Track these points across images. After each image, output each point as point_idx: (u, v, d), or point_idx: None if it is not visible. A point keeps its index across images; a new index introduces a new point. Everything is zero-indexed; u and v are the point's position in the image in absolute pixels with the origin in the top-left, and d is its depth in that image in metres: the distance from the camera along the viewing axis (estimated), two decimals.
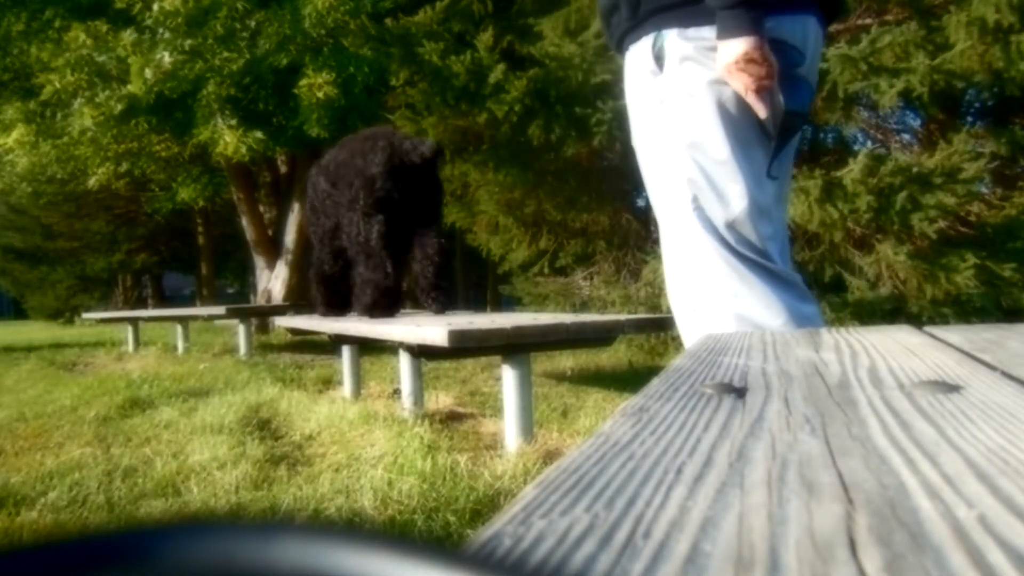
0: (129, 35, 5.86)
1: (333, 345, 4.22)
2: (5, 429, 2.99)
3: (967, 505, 0.27)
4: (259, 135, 6.03)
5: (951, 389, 0.50)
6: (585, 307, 5.00)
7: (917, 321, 3.69)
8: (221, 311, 6.47)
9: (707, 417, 0.45)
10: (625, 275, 5.11)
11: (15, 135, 6.66)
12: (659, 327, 3.05)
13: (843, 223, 3.68)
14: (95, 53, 6.04)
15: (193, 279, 19.20)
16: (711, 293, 1.46)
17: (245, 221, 8.35)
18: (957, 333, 0.90)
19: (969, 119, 4.81)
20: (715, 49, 1.40)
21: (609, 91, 4.10)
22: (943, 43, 3.49)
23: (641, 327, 2.81)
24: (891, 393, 0.51)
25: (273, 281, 8.02)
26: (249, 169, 8.39)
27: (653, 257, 4.63)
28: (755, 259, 1.45)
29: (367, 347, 4.12)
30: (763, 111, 1.39)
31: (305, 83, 5.76)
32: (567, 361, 4.64)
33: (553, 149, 4.58)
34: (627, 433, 0.41)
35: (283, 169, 8.36)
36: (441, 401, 3.35)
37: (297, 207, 7.65)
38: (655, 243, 4.77)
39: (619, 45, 1.64)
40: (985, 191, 4.14)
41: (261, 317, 7.40)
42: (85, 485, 2.07)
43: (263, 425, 2.85)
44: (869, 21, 3.95)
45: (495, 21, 4.85)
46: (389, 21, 4.70)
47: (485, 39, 4.37)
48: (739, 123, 1.44)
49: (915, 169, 3.53)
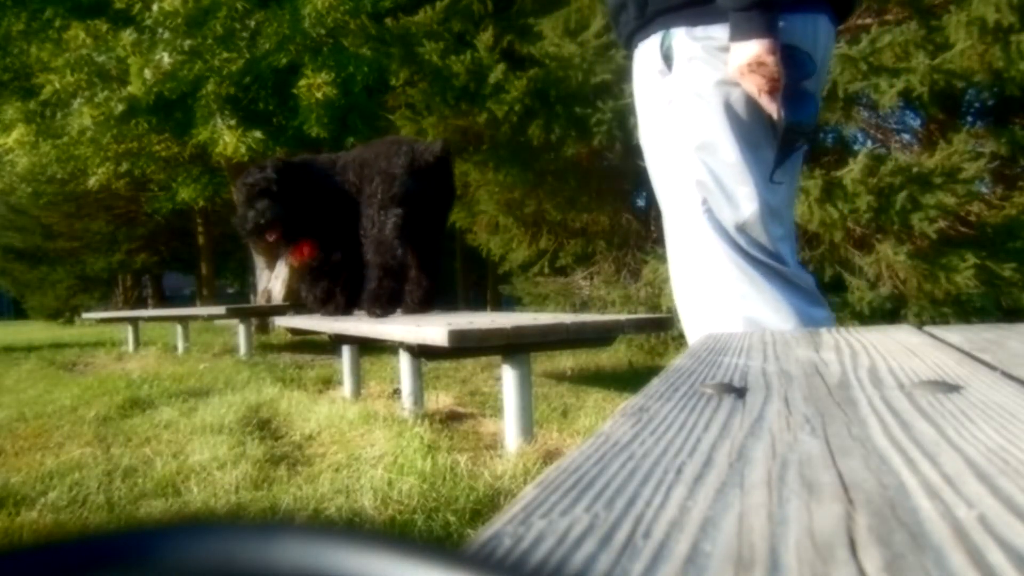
0: (129, 35, 5.86)
1: (333, 345, 4.22)
2: (5, 429, 2.99)
3: (967, 505, 0.27)
4: (259, 135, 6.02)
5: (951, 389, 0.50)
6: (585, 307, 5.00)
7: (917, 321, 3.69)
8: (221, 311, 6.46)
9: (707, 417, 0.45)
10: (625, 275, 5.11)
11: (15, 135, 6.66)
12: (659, 327, 3.05)
13: (843, 223, 3.68)
14: (95, 53, 6.04)
15: (193, 279, 19.18)
16: (720, 296, 1.45)
17: None
18: (957, 333, 0.90)
19: (969, 119, 4.81)
20: (723, 49, 1.39)
21: (609, 91, 4.10)
22: (943, 43, 3.49)
23: (641, 327, 2.81)
24: (891, 393, 0.51)
25: (273, 281, 8.02)
26: None
27: (653, 257, 4.63)
28: (766, 262, 1.44)
29: (367, 347, 4.12)
30: (776, 112, 1.39)
31: (305, 83, 5.76)
32: (567, 361, 4.63)
33: (553, 149, 4.58)
34: (627, 433, 0.41)
35: None
36: (441, 401, 3.35)
37: None
38: (655, 243, 4.77)
39: (627, 43, 1.64)
40: (985, 191, 4.15)
41: (261, 317, 7.39)
42: (85, 485, 2.07)
43: (263, 425, 2.85)
44: (869, 21, 3.95)
45: (495, 21, 4.85)
46: (389, 21, 4.70)
47: (485, 39, 4.37)
48: (748, 124, 1.44)
49: (915, 169, 3.53)
